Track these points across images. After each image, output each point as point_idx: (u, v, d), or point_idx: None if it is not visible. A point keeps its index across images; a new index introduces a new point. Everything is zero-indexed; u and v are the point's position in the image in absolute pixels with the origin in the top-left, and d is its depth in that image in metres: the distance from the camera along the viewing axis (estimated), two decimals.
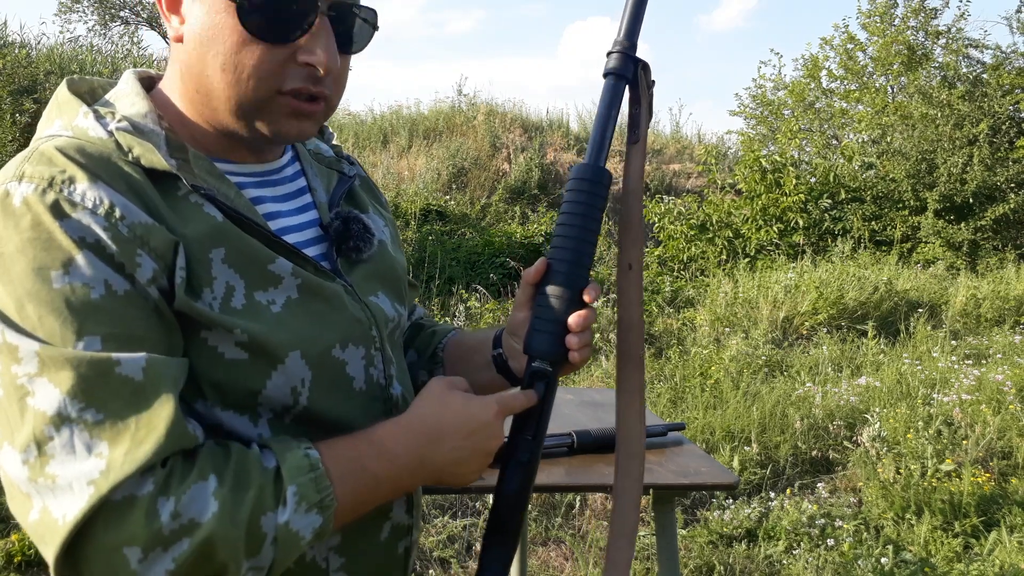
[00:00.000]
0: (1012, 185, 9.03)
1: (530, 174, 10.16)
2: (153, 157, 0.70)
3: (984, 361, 5.10)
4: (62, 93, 0.76)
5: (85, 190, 0.65)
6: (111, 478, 0.59)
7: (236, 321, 0.70)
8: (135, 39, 13.85)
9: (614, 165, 11.18)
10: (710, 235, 8.67)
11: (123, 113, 0.73)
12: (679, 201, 9.25)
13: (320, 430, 0.75)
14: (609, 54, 0.87)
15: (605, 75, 0.87)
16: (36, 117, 5.44)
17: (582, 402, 1.89)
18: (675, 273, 8.33)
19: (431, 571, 2.81)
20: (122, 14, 14.13)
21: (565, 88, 37.20)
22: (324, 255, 0.84)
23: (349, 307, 0.80)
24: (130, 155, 0.70)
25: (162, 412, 0.62)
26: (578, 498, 3.28)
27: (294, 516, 0.66)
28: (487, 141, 10.69)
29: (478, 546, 2.96)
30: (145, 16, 14.18)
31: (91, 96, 0.77)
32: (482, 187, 9.90)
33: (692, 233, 8.69)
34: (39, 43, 9.42)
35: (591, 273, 0.85)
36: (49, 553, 0.60)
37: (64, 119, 0.73)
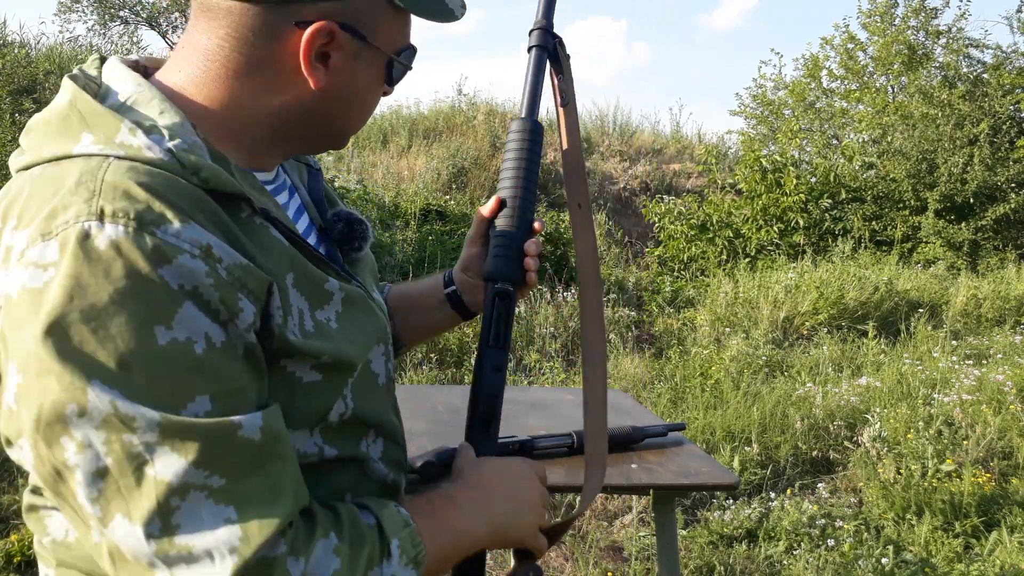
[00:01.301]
0: (1013, 185, 9.02)
1: None
2: (222, 179, 0.65)
3: (985, 361, 5.10)
4: (83, 101, 0.66)
5: (180, 230, 0.59)
6: (252, 544, 0.58)
7: (318, 345, 0.69)
8: (135, 39, 13.84)
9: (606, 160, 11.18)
10: (710, 235, 8.67)
11: (160, 124, 0.66)
12: (679, 201, 9.25)
13: (361, 429, 0.79)
14: (531, 32, 0.99)
15: (529, 49, 0.99)
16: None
17: (582, 402, 1.89)
18: (675, 273, 8.33)
19: None
20: (122, 14, 14.13)
21: None
22: (332, 258, 0.84)
23: (372, 308, 0.81)
24: (195, 178, 0.64)
25: (285, 473, 0.62)
26: (578, 498, 3.28)
27: (397, 568, 0.67)
28: (487, 141, 10.69)
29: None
30: (145, 16, 14.18)
31: (102, 100, 0.68)
32: (482, 187, 9.90)
33: (692, 233, 8.69)
34: (38, 43, 9.43)
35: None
36: None
37: (99, 134, 0.64)
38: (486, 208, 0.97)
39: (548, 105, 1.10)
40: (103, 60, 0.74)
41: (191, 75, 0.71)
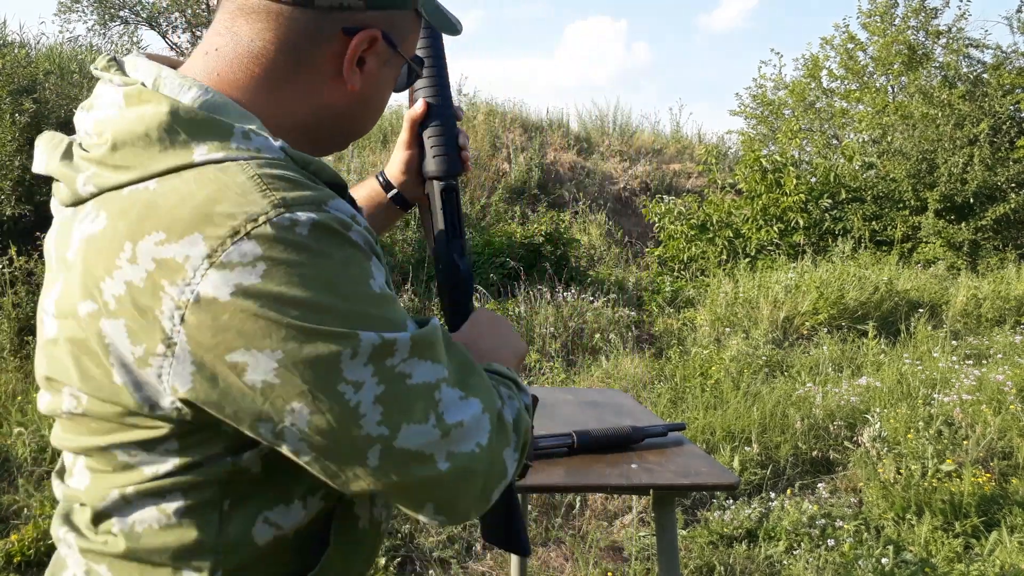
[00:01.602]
0: (1013, 185, 9.02)
1: (530, 174, 10.16)
2: (329, 171, 0.72)
3: (985, 361, 5.10)
4: (186, 111, 0.67)
5: (338, 204, 0.67)
6: (493, 405, 0.73)
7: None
8: (134, 39, 13.84)
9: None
10: (710, 235, 8.67)
11: (253, 127, 0.69)
12: (679, 201, 9.25)
13: None
14: None
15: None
16: (35, 117, 5.43)
17: (582, 402, 1.89)
18: (675, 273, 8.33)
19: (431, 571, 2.80)
20: (122, 14, 14.12)
21: (565, 88, 37.21)
22: None
23: None
24: (306, 170, 0.69)
25: (462, 351, 0.76)
26: (578, 498, 3.28)
27: (525, 417, 0.82)
28: (487, 141, 10.69)
29: (478, 547, 2.95)
30: (145, 16, 14.18)
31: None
32: (482, 187, 9.90)
33: (692, 233, 8.68)
34: (38, 43, 9.42)
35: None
36: (476, 484, 0.70)
37: (213, 141, 0.66)
38: (414, 112, 1.04)
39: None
40: (115, 61, 0.74)
41: (236, 78, 0.73)
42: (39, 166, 0.75)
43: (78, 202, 0.70)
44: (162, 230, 0.62)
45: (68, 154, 0.71)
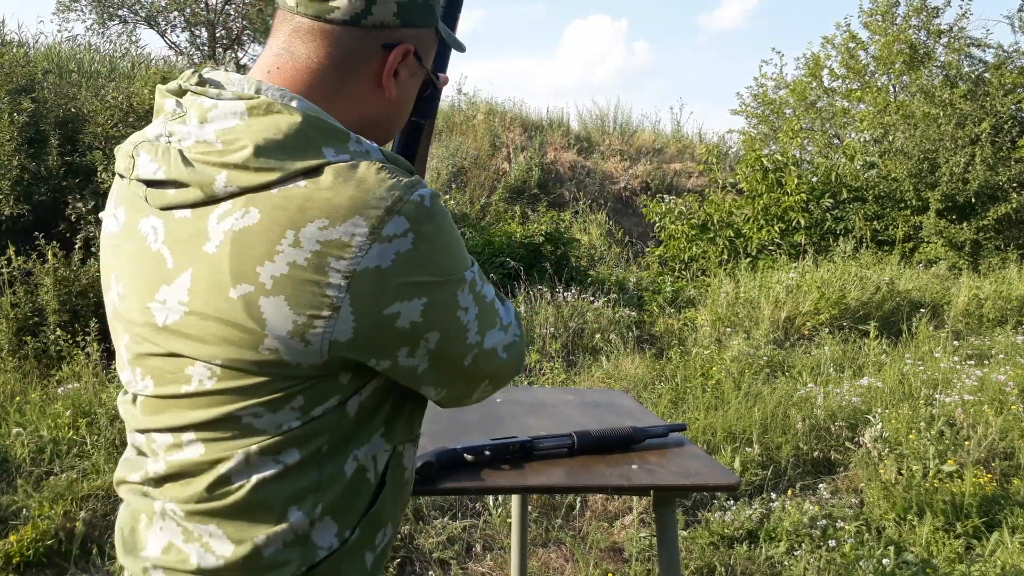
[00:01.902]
0: (1014, 185, 9.01)
1: (530, 173, 10.15)
2: (402, 160, 0.88)
3: (986, 361, 5.09)
4: (317, 120, 0.82)
5: (433, 190, 0.86)
6: (515, 323, 0.96)
7: None
8: (133, 38, 13.83)
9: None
10: (711, 235, 8.66)
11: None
12: (680, 201, 9.24)
13: None
14: None
15: None
16: (34, 116, 5.43)
17: (582, 403, 1.88)
18: (676, 273, 8.32)
19: (431, 572, 2.79)
20: (120, 13, 14.12)
21: (565, 88, 37.16)
22: None
23: None
24: (395, 163, 0.87)
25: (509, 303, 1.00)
26: (578, 499, 3.27)
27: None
28: (487, 140, 10.68)
29: (478, 547, 2.94)
30: (143, 15, 14.18)
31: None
32: (482, 186, 9.89)
33: (693, 233, 8.67)
34: (37, 42, 9.41)
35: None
36: (518, 349, 0.95)
37: (338, 144, 0.82)
38: None
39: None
40: (201, 77, 0.86)
41: (299, 92, 0.86)
42: (147, 171, 0.84)
43: (211, 201, 0.80)
44: (324, 217, 0.77)
45: (186, 161, 0.81)
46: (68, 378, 4.01)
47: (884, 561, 2.79)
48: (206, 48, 14.35)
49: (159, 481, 0.88)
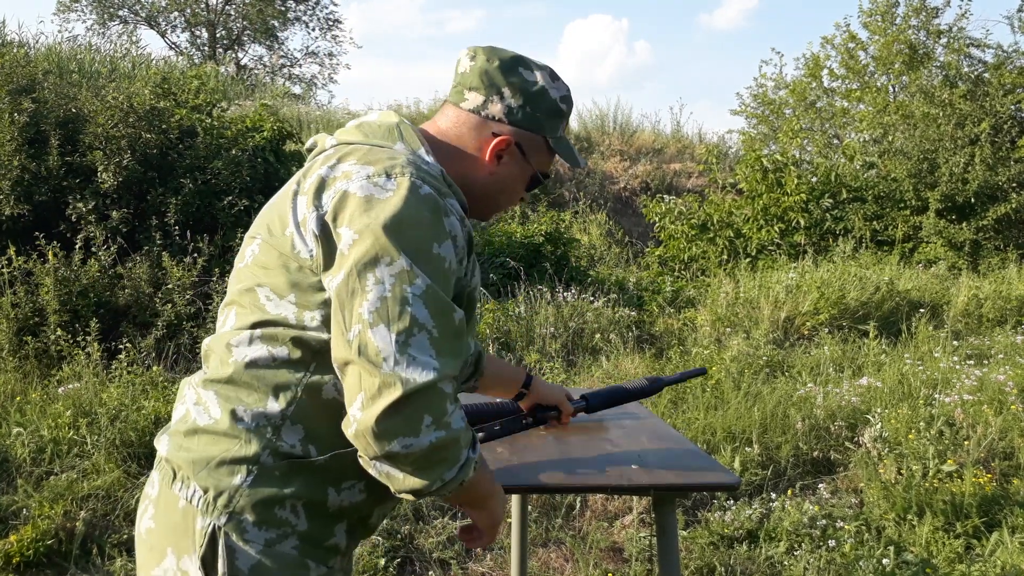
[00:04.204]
0: (1014, 185, 9.01)
1: None
2: (461, 196, 1.15)
3: (986, 361, 5.09)
4: (406, 127, 1.17)
5: (452, 203, 1.08)
6: (441, 373, 0.96)
7: (475, 299, 1.17)
8: (133, 38, 13.84)
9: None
10: (711, 235, 8.66)
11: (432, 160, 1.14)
12: (680, 201, 9.24)
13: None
14: None
15: None
16: (34, 116, 5.41)
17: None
18: (676, 273, 8.32)
19: (431, 572, 2.80)
20: (121, 13, 14.13)
21: None
22: None
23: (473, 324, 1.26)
24: (451, 188, 1.12)
25: (465, 349, 1.07)
26: (578, 499, 3.27)
27: (471, 457, 1.03)
28: None
29: (478, 547, 2.95)
30: (144, 16, 14.18)
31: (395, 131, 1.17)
32: None
33: (693, 233, 8.67)
34: (37, 42, 9.42)
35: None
36: (391, 395, 0.93)
37: (406, 145, 1.13)
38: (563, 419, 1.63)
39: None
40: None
41: (438, 148, 1.20)
42: None
43: None
44: (357, 159, 1.09)
45: None
46: (68, 378, 4.01)
47: (884, 561, 2.79)
48: (206, 48, 14.35)
49: (199, 365, 1.18)
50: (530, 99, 1.21)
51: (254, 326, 1.08)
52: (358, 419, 0.94)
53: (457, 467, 0.99)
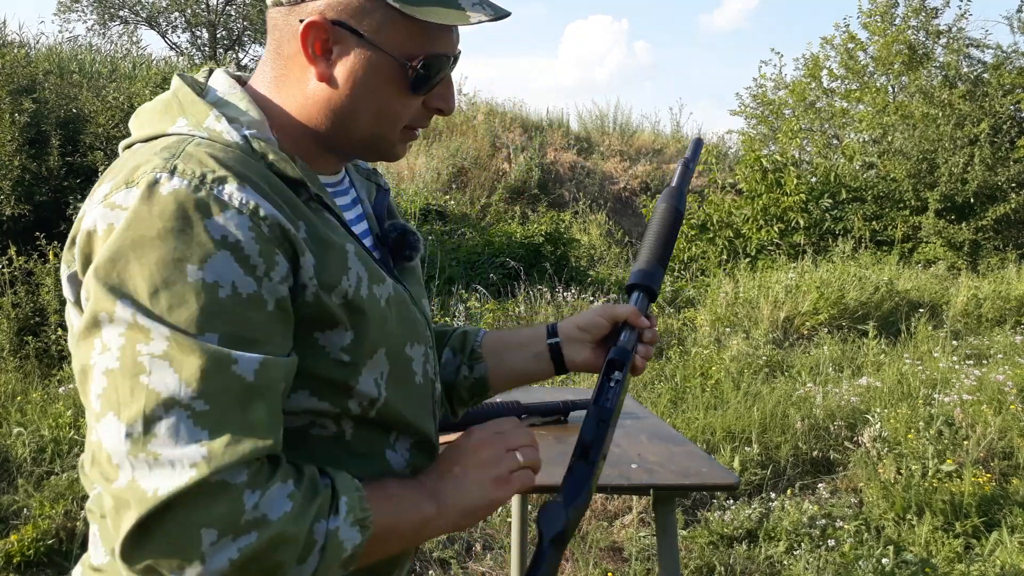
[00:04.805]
0: (1013, 185, 9.02)
1: (530, 174, 10.16)
2: (284, 165, 0.76)
3: (985, 361, 5.09)
4: (184, 92, 0.80)
5: (233, 192, 0.69)
6: (213, 465, 0.63)
7: (369, 305, 0.79)
8: (134, 38, 13.84)
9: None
10: (711, 235, 8.67)
11: (242, 119, 0.78)
12: None
13: (393, 423, 0.85)
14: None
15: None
16: (35, 117, 5.43)
17: (580, 398, 1.89)
18: (676, 273, 8.32)
19: (431, 572, 2.80)
20: (121, 13, 14.13)
21: (565, 88, 37.17)
22: (384, 261, 0.91)
23: (413, 312, 0.89)
24: (263, 161, 0.75)
25: (266, 417, 0.68)
26: None
27: (342, 525, 0.70)
28: (487, 141, 10.69)
29: (478, 547, 2.95)
30: (144, 16, 14.19)
31: (203, 95, 0.81)
32: (482, 187, 9.90)
33: (693, 233, 8.68)
34: (38, 42, 9.43)
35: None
36: (128, 521, 0.63)
37: (190, 119, 0.77)
38: (624, 315, 1.03)
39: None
40: (211, 72, 0.85)
41: (259, 82, 0.83)
42: None
43: None
44: (109, 178, 0.74)
45: None
46: (69, 378, 4.01)
47: (883, 561, 2.79)
48: (207, 49, 14.36)
49: None
50: None
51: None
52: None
53: (314, 561, 0.68)
